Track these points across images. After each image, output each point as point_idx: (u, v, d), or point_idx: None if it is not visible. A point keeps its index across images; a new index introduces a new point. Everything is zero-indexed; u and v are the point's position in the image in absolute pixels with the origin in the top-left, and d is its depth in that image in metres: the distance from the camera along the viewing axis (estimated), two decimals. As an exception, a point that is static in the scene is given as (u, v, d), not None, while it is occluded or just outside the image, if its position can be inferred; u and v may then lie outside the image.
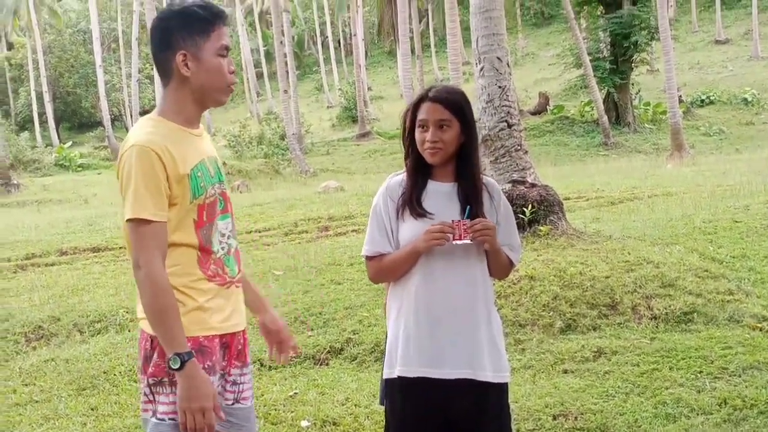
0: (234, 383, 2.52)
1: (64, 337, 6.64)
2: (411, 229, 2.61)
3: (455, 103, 2.63)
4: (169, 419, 2.32)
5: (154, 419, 2.33)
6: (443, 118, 2.61)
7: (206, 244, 2.40)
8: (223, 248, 2.45)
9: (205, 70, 2.38)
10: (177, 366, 2.25)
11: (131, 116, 36.23)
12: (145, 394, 2.36)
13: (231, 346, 2.49)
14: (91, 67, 42.92)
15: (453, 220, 2.55)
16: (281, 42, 29.32)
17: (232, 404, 2.52)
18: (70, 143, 37.81)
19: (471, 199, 2.64)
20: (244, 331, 2.56)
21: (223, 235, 2.46)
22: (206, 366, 2.36)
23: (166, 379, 2.31)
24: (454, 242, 2.54)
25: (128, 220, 2.29)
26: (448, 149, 2.62)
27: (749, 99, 32.36)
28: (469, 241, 2.55)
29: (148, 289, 2.27)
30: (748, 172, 14.04)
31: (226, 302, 2.45)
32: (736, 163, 17.47)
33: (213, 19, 2.38)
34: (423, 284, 2.62)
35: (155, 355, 2.33)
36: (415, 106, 2.66)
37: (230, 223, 2.52)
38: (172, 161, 2.31)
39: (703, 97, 33.16)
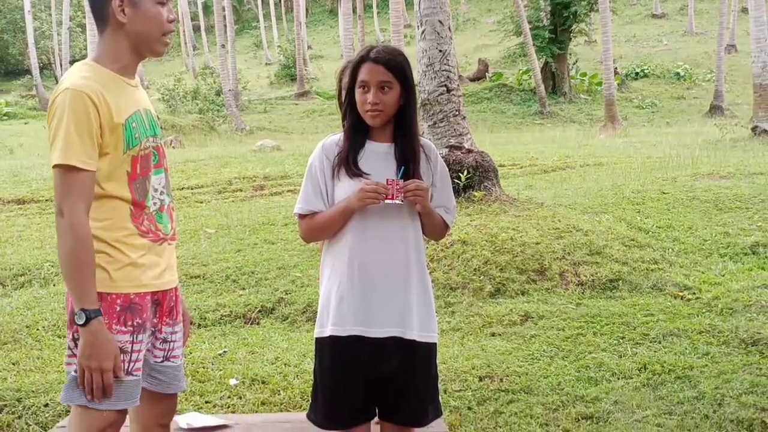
0: (164, 341, 2.48)
1: (-14, 290, 6.45)
2: (346, 189, 2.59)
3: (397, 65, 2.60)
4: None
5: (74, 373, 2.29)
6: (385, 79, 2.57)
7: (139, 198, 2.33)
8: (155, 204, 2.39)
9: (142, 16, 2.30)
10: (81, 321, 2.20)
11: (61, 65, 35.06)
12: (70, 348, 2.30)
13: (163, 303, 2.45)
14: (20, 12, 41.21)
15: (387, 180, 2.54)
16: (220, -5, 28.62)
17: (162, 362, 2.49)
18: (-5, 91, 36.44)
19: (408, 160, 2.62)
20: (176, 288, 2.52)
21: (156, 191, 2.40)
22: (135, 323, 2.31)
23: None
24: (385, 201, 2.53)
25: (55, 166, 2.21)
26: (388, 111, 2.60)
27: (682, 73, 33.13)
28: (400, 202, 2.55)
29: (67, 238, 2.20)
30: (678, 146, 14.43)
31: (158, 259, 2.39)
32: (667, 136, 17.93)
33: None
34: (356, 244, 2.61)
35: None
36: (356, 66, 2.61)
37: (164, 179, 2.45)
38: (107, 108, 2.24)
39: (638, 70, 33.79)
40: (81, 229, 2.20)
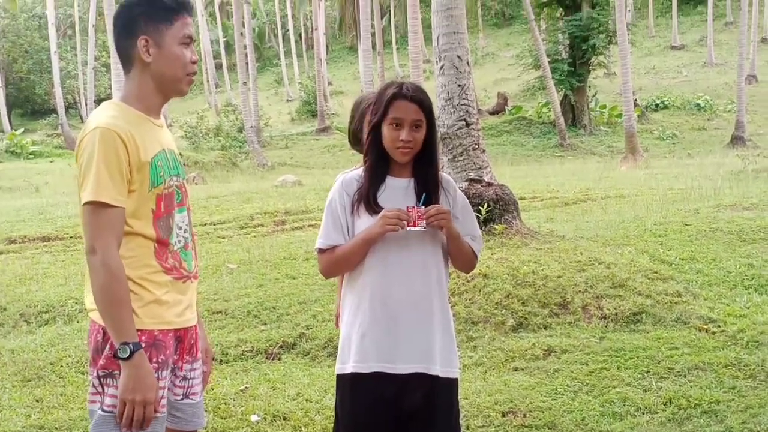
0: (184, 378, 2.50)
1: (11, 327, 6.50)
2: (365, 225, 2.61)
3: (428, 104, 2.64)
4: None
5: (101, 411, 2.30)
6: (418, 118, 2.60)
7: (163, 236, 2.37)
8: (179, 241, 2.43)
9: (165, 57, 2.36)
10: (125, 356, 2.22)
11: (86, 104, 35.63)
12: (94, 386, 2.32)
13: (184, 340, 2.47)
14: (46, 53, 42.09)
15: (408, 207, 2.56)
16: (241, 33, 29.08)
17: (181, 399, 2.50)
18: (22, 130, 36.94)
19: (430, 192, 2.64)
20: (195, 326, 2.54)
21: (180, 228, 2.44)
22: (159, 360, 2.33)
23: (117, 372, 2.28)
24: (408, 229, 2.54)
25: (87, 203, 2.24)
26: (417, 148, 2.62)
27: (702, 104, 33.04)
28: (422, 228, 2.55)
29: (102, 275, 2.22)
30: (699, 177, 14.33)
31: (181, 296, 2.42)
32: (688, 168, 17.82)
33: (177, 7, 2.38)
34: (378, 278, 2.61)
35: (107, 347, 2.29)
36: (388, 103, 2.62)
37: (187, 217, 2.50)
38: (135, 147, 2.29)
39: (658, 102, 33.75)
40: (114, 265, 2.24)
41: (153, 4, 2.37)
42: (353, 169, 2.76)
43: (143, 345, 2.29)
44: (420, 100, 2.60)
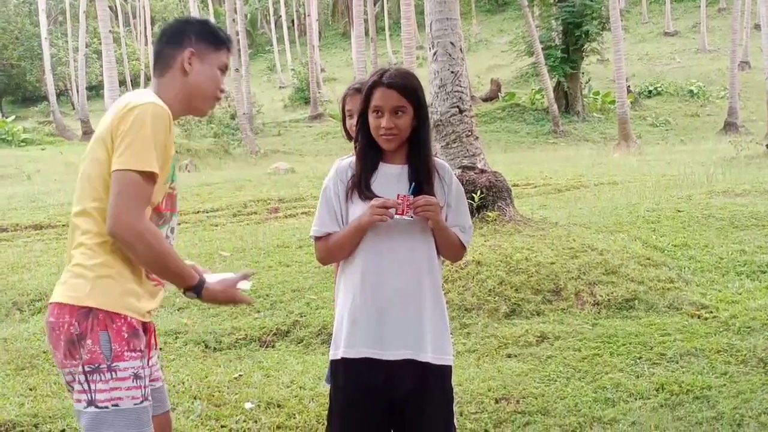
0: (151, 366, 2.54)
1: (3, 315, 6.50)
2: (359, 212, 2.61)
3: (410, 89, 2.61)
4: (112, 405, 2.27)
5: (93, 408, 2.26)
6: (399, 104, 2.58)
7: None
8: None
9: (204, 73, 2.49)
10: (195, 297, 2.44)
11: (77, 91, 35.42)
12: (79, 383, 2.27)
13: (149, 332, 2.50)
14: (37, 39, 41.73)
15: (398, 195, 2.56)
16: (233, 20, 28.92)
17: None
18: (13, 117, 36.70)
19: (421, 179, 2.64)
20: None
21: (172, 231, 2.52)
22: (141, 348, 2.35)
23: (103, 365, 2.25)
24: (396, 217, 2.54)
25: (132, 171, 2.22)
26: (402, 135, 2.62)
27: (695, 91, 33.08)
28: (410, 218, 2.56)
29: (142, 243, 2.24)
30: (692, 163, 14.38)
31: (152, 296, 2.45)
32: (681, 154, 17.88)
33: (225, 40, 2.57)
34: (370, 265, 2.62)
35: (89, 341, 2.24)
36: (369, 91, 2.62)
37: (175, 221, 2.56)
38: (172, 136, 2.39)
39: (651, 88, 33.77)
40: (149, 228, 2.27)
41: (207, 28, 2.55)
42: (349, 156, 2.76)
43: (125, 334, 2.29)
44: (400, 85, 2.59)
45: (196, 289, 2.41)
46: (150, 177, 2.24)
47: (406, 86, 2.60)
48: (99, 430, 2.26)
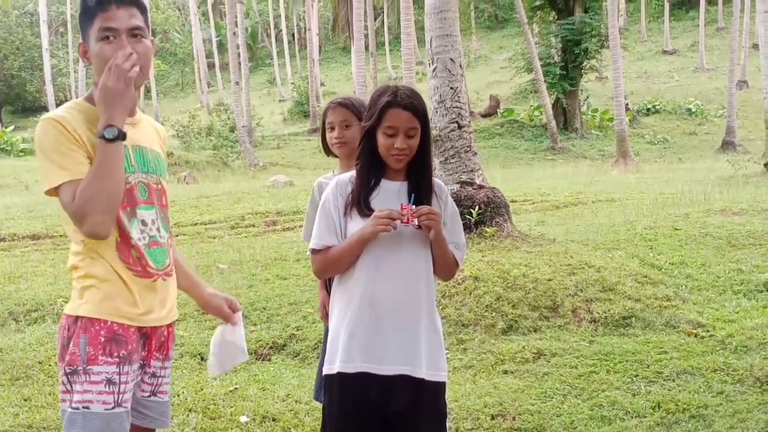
0: (153, 375, 2.49)
1: (-1, 325, 6.48)
2: (357, 228, 2.62)
3: (423, 111, 2.64)
4: (83, 407, 2.28)
5: (69, 409, 2.30)
6: (412, 126, 2.60)
7: (123, 229, 2.34)
8: (143, 238, 2.39)
9: (93, 57, 2.35)
10: (111, 136, 2.23)
11: (77, 102, 35.44)
12: (63, 384, 2.32)
13: (152, 338, 2.45)
14: (38, 50, 41.92)
15: (402, 205, 2.57)
16: (234, 33, 29.03)
17: (149, 396, 2.50)
18: (12, 127, 36.74)
19: (422, 197, 2.65)
20: (170, 325, 2.52)
21: (145, 225, 2.40)
22: (121, 355, 2.32)
23: (80, 368, 2.28)
24: (400, 224, 2.56)
25: (52, 192, 2.28)
26: (412, 154, 2.64)
27: (693, 109, 33.22)
28: (414, 226, 2.57)
29: (80, 202, 2.22)
30: (690, 181, 14.41)
31: (149, 294, 2.40)
32: (679, 172, 17.92)
33: (94, 6, 2.33)
34: (368, 279, 2.62)
35: (72, 345, 2.30)
36: (383, 110, 2.61)
37: (155, 215, 2.44)
38: (69, 134, 2.28)
39: (649, 106, 33.90)
40: (75, 200, 2.25)
41: (81, 6, 2.41)
42: (330, 175, 2.78)
43: (102, 339, 2.29)
44: (414, 107, 2.61)
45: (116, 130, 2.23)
46: (67, 184, 2.24)
47: (419, 108, 2.62)
48: (70, 430, 2.29)
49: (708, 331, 5.72)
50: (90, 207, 2.19)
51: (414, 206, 2.58)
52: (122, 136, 2.24)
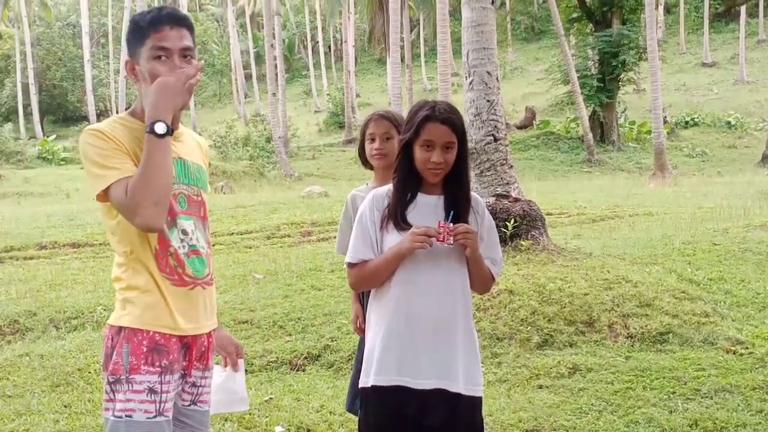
0: (194, 385, 2.51)
1: (40, 332, 6.60)
2: (394, 242, 2.63)
3: (459, 125, 2.65)
4: (126, 416, 2.32)
5: (112, 417, 2.34)
6: (450, 140, 2.62)
7: (164, 237, 2.37)
8: (183, 246, 2.42)
9: (142, 75, 2.37)
10: (162, 132, 2.26)
11: (117, 112, 35.96)
12: (106, 392, 2.36)
13: (192, 347, 2.47)
14: (79, 61, 42.74)
15: (439, 222, 2.58)
16: (272, 45, 29.35)
17: (189, 405, 2.52)
18: (54, 136, 37.50)
19: (460, 211, 2.66)
20: (209, 334, 2.55)
21: (185, 234, 2.43)
22: (163, 364, 2.35)
23: (123, 377, 2.32)
24: (436, 243, 2.56)
25: (102, 195, 2.30)
26: (448, 169, 2.65)
27: (733, 122, 32.77)
28: (450, 244, 2.57)
29: (133, 195, 2.23)
30: (729, 196, 14.20)
31: (187, 303, 2.43)
32: (718, 186, 17.66)
33: (147, 26, 2.37)
34: (404, 293, 2.63)
35: (115, 354, 2.34)
36: (420, 124, 2.63)
37: (194, 225, 2.48)
38: (121, 143, 2.33)
39: (688, 119, 33.52)
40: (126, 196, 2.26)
41: (131, 25, 2.44)
42: (364, 187, 2.79)
43: (145, 348, 2.33)
44: (452, 122, 2.62)
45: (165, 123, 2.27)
46: (107, 190, 2.27)
47: (456, 122, 2.64)
48: None
49: (747, 348, 5.63)
50: (142, 199, 2.22)
51: (451, 224, 2.58)
52: (171, 131, 2.29)
